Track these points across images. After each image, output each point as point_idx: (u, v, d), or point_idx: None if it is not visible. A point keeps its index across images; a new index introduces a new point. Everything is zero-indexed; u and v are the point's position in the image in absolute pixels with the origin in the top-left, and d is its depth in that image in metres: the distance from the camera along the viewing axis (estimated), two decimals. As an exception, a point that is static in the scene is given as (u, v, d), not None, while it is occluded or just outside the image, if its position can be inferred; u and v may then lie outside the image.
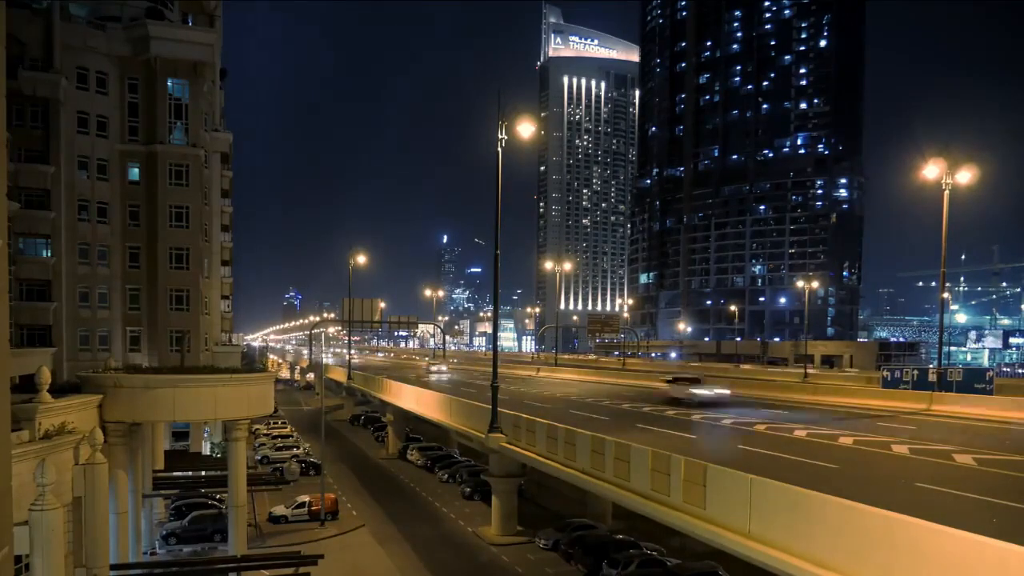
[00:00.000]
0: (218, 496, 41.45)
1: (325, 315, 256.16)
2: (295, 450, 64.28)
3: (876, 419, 38.92)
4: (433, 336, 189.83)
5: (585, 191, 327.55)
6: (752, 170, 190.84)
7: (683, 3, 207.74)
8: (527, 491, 47.79)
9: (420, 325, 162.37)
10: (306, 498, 45.11)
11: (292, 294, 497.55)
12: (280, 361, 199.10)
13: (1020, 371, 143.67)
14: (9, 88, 19.82)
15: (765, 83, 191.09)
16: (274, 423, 79.98)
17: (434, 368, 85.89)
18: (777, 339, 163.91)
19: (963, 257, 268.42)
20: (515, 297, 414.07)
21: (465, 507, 48.62)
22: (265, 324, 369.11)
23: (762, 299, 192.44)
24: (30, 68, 43.17)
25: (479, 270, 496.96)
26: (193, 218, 48.93)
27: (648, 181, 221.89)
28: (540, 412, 39.91)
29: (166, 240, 47.95)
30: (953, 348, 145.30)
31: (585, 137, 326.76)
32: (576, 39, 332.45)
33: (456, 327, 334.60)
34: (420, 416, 54.72)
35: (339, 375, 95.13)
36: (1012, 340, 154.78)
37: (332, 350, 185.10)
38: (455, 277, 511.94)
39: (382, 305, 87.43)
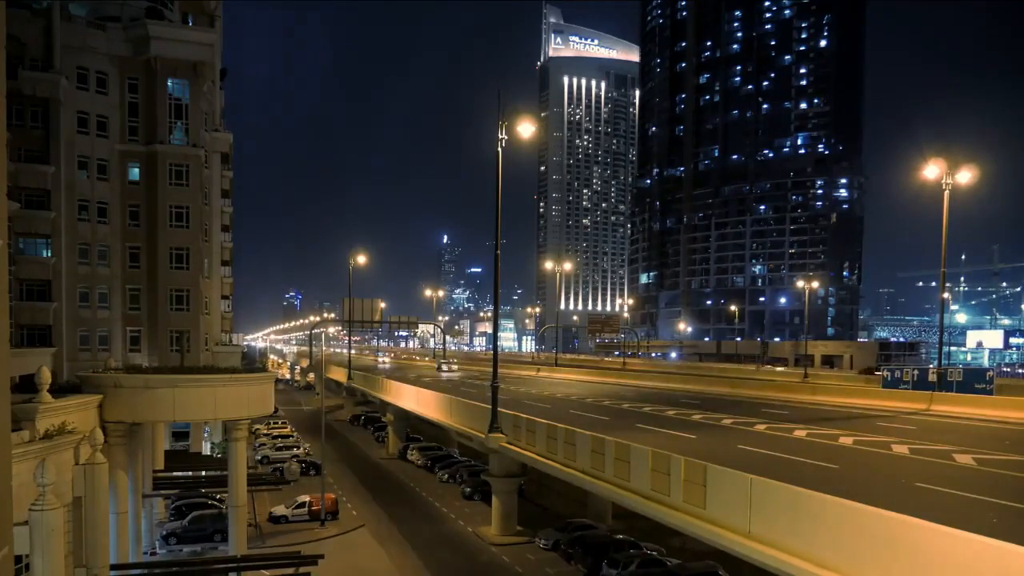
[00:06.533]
0: (218, 496, 41.38)
1: (325, 315, 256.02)
2: (295, 450, 64.27)
3: (876, 419, 38.96)
4: (433, 336, 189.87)
5: (585, 191, 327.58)
6: (752, 170, 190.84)
7: (683, 3, 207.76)
8: (527, 491, 47.76)
9: (420, 325, 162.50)
10: (306, 498, 45.07)
11: (292, 294, 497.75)
12: (280, 361, 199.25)
13: (1020, 371, 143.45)
14: (9, 88, 19.75)
15: (765, 83, 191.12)
16: (274, 423, 79.99)
17: (445, 368, 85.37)
18: (777, 339, 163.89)
19: (963, 257, 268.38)
20: (515, 297, 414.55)
21: (465, 507, 48.59)
22: (265, 324, 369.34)
23: (762, 299, 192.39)
24: (30, 68, 43.11)
25: (479, 270, 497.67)
26: (193, 218, 48.87)
27: (648, 181, 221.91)
28: (540, 412, 39.93)
29: (166, 240, 47.89)
30: (953, 348, 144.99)
31: (585, 137, 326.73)
32: (576, 39, 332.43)
33: (456, 327, 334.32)
34: (420, 416, 54.74)
35: (339, 375, 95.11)
36: (1012, 340, 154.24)
37: (333, 350, 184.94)
38: (455, 277, 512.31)
39: (382, 305, 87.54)
